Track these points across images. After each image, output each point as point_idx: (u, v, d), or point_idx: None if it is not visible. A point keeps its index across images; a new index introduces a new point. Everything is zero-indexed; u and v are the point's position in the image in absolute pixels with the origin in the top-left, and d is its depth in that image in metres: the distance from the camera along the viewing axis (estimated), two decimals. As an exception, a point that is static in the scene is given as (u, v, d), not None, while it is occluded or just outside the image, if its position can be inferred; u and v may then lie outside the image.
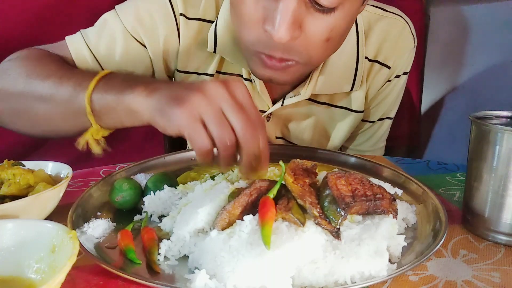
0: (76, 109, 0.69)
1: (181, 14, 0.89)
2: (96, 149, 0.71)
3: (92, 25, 0.92)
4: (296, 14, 0.67)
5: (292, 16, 0.67)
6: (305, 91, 0.92)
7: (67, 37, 0.89)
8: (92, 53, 0.88)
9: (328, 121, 1.01)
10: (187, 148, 1.22)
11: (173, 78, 0.99)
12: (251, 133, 0.58)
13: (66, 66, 0.82)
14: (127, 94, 0.64)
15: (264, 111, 0.98)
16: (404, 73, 1.01)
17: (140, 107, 0.63)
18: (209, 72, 0.94)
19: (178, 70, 0.95)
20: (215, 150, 0.59)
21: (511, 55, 1.37)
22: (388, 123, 1.09)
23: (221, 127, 0.57)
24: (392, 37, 0.95)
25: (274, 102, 0.96)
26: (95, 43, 0.88)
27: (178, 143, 1.54)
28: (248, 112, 0.59)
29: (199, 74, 0.95)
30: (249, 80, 0.94)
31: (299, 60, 0.75)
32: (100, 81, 0.69)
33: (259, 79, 0.83)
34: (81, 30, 0.91)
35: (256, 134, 0.59)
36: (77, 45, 0.88)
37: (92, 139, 0.71)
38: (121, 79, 0.69)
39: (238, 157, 0.60)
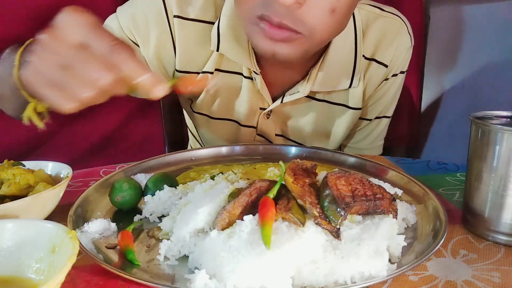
0: (13, 86, 0.69)
1: (176, 16, 0.90)
2: (39, 124, 0.69)
3: None
4: None
5: None
6: (304, 88, 0.92)
7: None
8: None
9: (327, 118, 1.02)
10: (187, 148, 1.23)
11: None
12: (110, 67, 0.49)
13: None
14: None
15: (264, 108, 0.99)
16: (401, 72, 1.02)
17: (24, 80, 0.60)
18: (207, 69, 0.95)
19: (177, 71, 0.96)
20: None
21: (511, 55, 1.37)
22: (385, 122, 1.10)
23: (78, 84, 0.49)
24: (389, 36, 0.96)
25: (274, 100, 0.97)
26: None
27: (178, 143, 1.54)
28: (96, 45, 0.50)
29: (198, 73, 0.96)
30: (250, 78, 0.94)
31: (301, 31, 0.72)
32: (22, 55, 0.67)
33: (262, 54, 0.79)
34: None
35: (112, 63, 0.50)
36: None
37: (34, 114, 0.69)
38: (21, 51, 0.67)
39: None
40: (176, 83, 0.56)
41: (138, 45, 0.91)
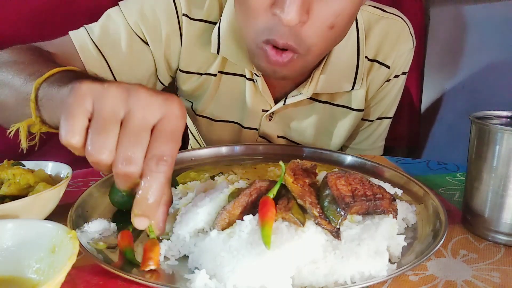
0: (25, 95, 0.64)
1: (184, 15, 0.90)
2: (24, 142, 0.65)
3: None
4: None
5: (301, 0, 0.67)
6: (307, 90, 0.92)
7: (70, 32, 0.90)
8: (97, 47, 0.88)
9: (329, 119, 1.02)
10: (187, 148, 1.23)
11: (175, 78, 0.99)
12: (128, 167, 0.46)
13: (40, 58, 0.76)
14: (64, 87, 0.56)
15: (267, 110, 0.99)
16: (403, 73, 1.02)
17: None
18: (211, 72, 0.95)
19: (180, 70, 0.96)
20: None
21: (511, 55, 1.37)
22: (386, 123, 1.10)
23: (99, 135, 0.46)
24: (391, 37, 0.96)
25: (276, 102, 0.97)
26: (99, 37, 0.88)
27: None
28: (156, 143, 0.48)
29: (201, 74, 0.96)
30: (252, 80, 0.94)
31: (298, 49, 0.75)
32: (58, 74, 0.63)
33: (262, 71, 0.83)
34: (84, 25, 0.91)
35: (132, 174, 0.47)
36: (81, 40, 0.88)
37: (25, 130, 0.65)
38: (75, 74, 0.62)
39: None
40: (148, 247, 0.53)
41: (146, 42, 0.90)
